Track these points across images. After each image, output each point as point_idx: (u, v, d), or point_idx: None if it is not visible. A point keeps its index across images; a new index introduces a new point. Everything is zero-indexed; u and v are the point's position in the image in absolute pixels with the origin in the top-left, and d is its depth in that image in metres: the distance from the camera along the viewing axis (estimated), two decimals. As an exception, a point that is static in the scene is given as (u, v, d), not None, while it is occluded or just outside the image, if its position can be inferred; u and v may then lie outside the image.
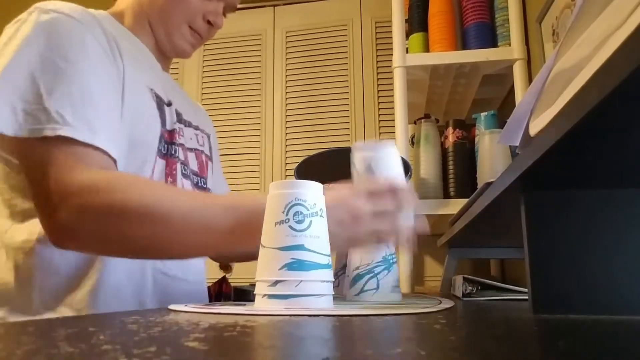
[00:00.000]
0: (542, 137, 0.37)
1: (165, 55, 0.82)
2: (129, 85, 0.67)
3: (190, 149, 0.81)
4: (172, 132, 0.75)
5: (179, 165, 0.76)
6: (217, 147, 0.99)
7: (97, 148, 0.59)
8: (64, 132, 0.56)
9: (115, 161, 0.61)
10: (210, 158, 0.89)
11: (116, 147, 0.62)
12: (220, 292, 1.03)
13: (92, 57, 0.63)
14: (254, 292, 0.47)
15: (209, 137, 0.91)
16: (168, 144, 0.74)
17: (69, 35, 0.62)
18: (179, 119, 0.79)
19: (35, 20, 0.61)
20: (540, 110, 0.43)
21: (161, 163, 0.72)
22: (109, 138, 0.61)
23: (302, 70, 2.07)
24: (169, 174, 0.74)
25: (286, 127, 2.03)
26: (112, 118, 0.63)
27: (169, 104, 0.76)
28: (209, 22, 0.79)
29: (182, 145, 0.78)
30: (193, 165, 0.81)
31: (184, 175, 0.77)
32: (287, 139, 2.02)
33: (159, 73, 0.80)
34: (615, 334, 0.31)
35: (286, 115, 2.04)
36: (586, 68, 0.33)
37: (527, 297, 0.44)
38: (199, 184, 0.82)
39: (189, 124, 0.83)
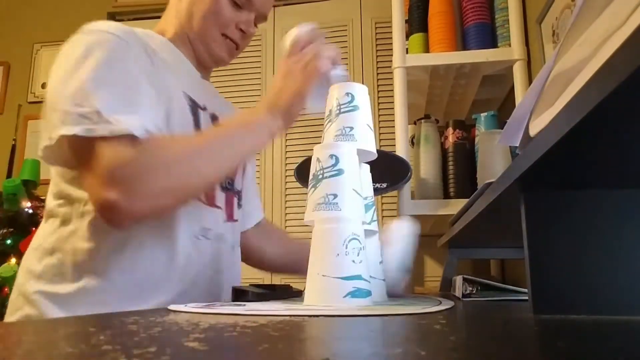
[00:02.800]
0: (542, 138, 0.37)
1: (204, 65, 0.88)
2: (165, 88, 0.74)
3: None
4: None
5: None
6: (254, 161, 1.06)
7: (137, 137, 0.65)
8: (113, 131, 0.62)
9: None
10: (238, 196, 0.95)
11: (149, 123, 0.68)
12: (220, 292, 1.03)
13: (132, 64, 0.70)
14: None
15: None
16: None
17: (112, 50, 0.69)
18: (214, 122, 0.85)
19: (83, 40, 0.69)
20: (540, 110, 0.43)
21: None
22: (155, 126, 0.68)
23: (302, 71, 2.06)
24: None
25: (286, 128, 2.03)
26: (155, 110, 0.70)
27: (204, 108, 0.82)
28: (241, 31, 0.86)
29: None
30: (220, 203, 0.85)
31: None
32: (287, 139, 2.02)
33: (198, 80, 0.86)
34: (615, 334, 0.31)
35: (286, 116, 2.04)
36: (586, 68, 0.33)
37: (527, 298, 0.44)
38: (224, 185, 0.85)
39: None
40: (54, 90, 0.67)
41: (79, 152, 0.65)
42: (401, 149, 1.36)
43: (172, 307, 0.50)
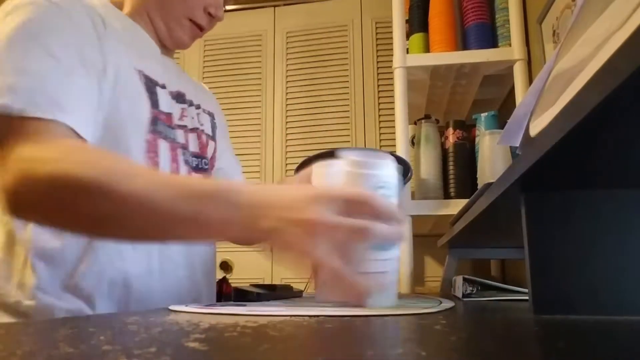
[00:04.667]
0: (542, 138, 0.37)
1: (163, 44, 0.81)
2: (113, 67, 0.67)
3: (192, 129, 0.80)
4: (169, 115, 0.74)
5: (180, 151, 0.75)
6: (226, 127, 0.96)
7: (62, 124, 0.57)
8: (29, 112, 0.55)
9: (84, 140, 0.60)
10: (212, 137, 0.87)
11: (85, 126, 0.60)
12: (221, 292, 1.03)
13: (66, 39, 0.62)
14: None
15: (212, 115, 0.89)
16: (168, 127, 0.74)
17: (44, 19, 0.62)
18: (182, 99, 0.79)
19: (17, 6, 0.62)
20: (541, 110, 0.43)
21: (165, 145, 0.72)
22: (78, 117, 0.59)
23: (303, 71, 2.07)
24: (174, 159, 0.74)
25: (286, 128, 2.03)
26: (83, 98, 0.62)
27: (163, 86, 0.75)
28: (209, 14, 0.79)
29: (184, 127, 0.77)
30: (193, 146, 0.79)
31: (185, 162, 0.76)
32: (287, 140, 2.02)
33: (157, 56, 0.79)
34: (616, 335, 0.31)
35: (286, 116, 2.04)
36: (587, 68, 0.33)
37: (527, 298, 0.44)
38: (199, 166, 0.80)
39: (190, 103, 0.82)
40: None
41: None
42: (401, 149, 1.36)
43: (172, 307, 0.50)
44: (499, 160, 1.22)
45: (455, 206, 1.22)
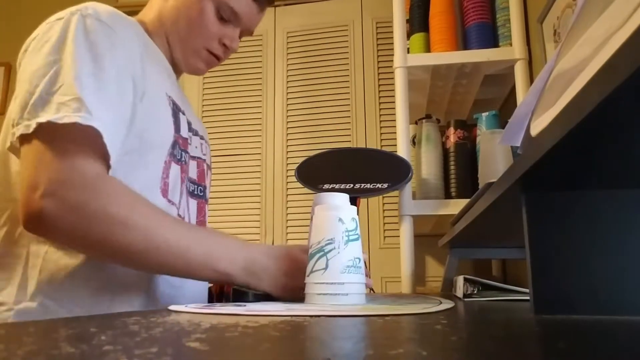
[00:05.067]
0: (543, 138, 0.37)
1: (176, 69, 0.85)
2: (150, 89, 0.70)
3: (194, 157, 0.83)
4: (185, 140, 0.78)
5: (184, 175, 0.79)
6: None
7: (96, 134, 0.59)
8: (68, 119, 0.57)
9: (109, 157, 0.61)
10: (209, 167, 0.91)
11: (114, 142, 0.62)
12: (222, 292, 1.03)
13: (119, 60, 0.66)
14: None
15: (209, 146, 0.94)
16: (182, 151, 0.77)
17: (101, 41, 0.65)
18: (190, 127, 0.83)
19: (75, 24, 0.65)
20: (542, 110, 0.43)
21: (176, 168, 0.75)
22: (112, 131, 0.62)
23: (303, 71, 2.07)
24: (183, 180, 0.77)
25: (287, 128, 2.03)
26: (119, 116, 0.64)
27: (183, 113, 0.80)
28: (224, 46, 0.83)
29: (188, 153, 0.80)
30: (192, 173, 0.83)
31: (186, 187, 0.80)
32: (288, 140, 2.02)
33: (175, 82, 0.83)
34: (616, 335, 0.31)
35: (287, 116, 2.04)
36: (587, 68, 0.33)
37: (528, 298, 0.44)
38: (195, 192, 0.83)
39: (195, 133, 0.86)
40: (29, 74, 0.62)
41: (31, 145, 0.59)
42: (402, 149, 1.35)
43: (173, 307, 0.50)
44: (500, 160, 1.22)
45: (456, 206, 1.22)
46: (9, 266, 0.65)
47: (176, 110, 0.77)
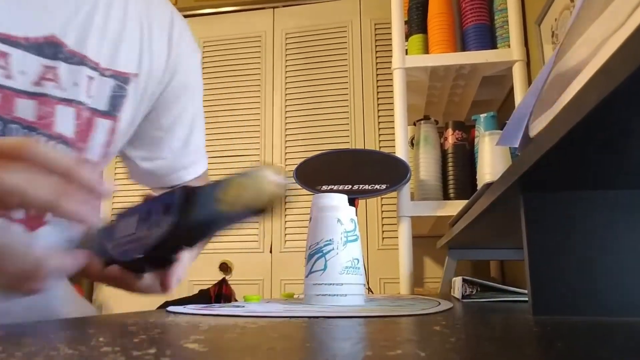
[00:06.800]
0: (541, 139, 0.37)
1: None
2: None
3: (64, 100, 0.52)
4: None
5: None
6: (175, 97, 0.65)
7: None
8: None
9: None
10: (108, 114, 0.56)
11: None
12: (220, 293, 1.03)
13: None
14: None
15: (125, 80, 0.57)
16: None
17: None
18: (55, 54, 0.50)
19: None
20: (540, 111, 0.43)
21: None
22: None
23: (302, 72, 2.07)
24: None
25: (285, 129, 2.03)
26: None
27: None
28: None
29: (44, 95, 0.50)
30: (66, 128, 0.52)
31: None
32: (286, 141, 2.02)
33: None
34: (615, 335, 0.31)
35: (285, 117, 2.04)
36: (585, 69, 0.33)
37: (527, 299, 0.44)
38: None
39: (70, 59, 0.52)
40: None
41: None
42: (401, 150, 1.36)
43: (171, 308, 0.50)
44: (499, 161, 1.22)
45: (455, 207, 1.22)
46: None
47: None
